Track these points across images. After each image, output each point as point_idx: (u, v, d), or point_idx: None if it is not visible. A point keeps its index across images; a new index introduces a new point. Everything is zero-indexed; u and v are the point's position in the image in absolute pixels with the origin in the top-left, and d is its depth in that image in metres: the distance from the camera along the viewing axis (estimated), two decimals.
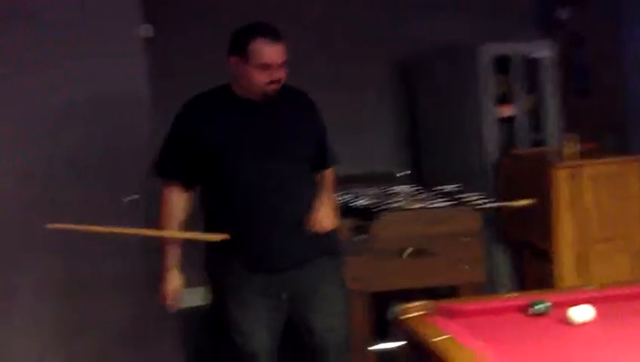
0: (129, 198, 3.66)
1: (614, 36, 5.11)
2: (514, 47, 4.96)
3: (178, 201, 2.85)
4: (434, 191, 4.12)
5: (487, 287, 3.96)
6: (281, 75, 2.74)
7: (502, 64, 4.94)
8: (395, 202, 3.88)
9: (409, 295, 3.55)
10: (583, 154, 4.23)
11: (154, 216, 3.23)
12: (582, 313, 2.27)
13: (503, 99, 4.96)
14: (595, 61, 5.41)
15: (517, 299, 2.50)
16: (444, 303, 2.47)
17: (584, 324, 2.26)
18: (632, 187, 3.97)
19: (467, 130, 4.99)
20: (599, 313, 2.30)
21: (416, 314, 2.36)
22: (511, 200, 4.24)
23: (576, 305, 2.30)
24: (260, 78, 2.71)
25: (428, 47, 5.47)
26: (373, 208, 3.65)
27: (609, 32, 5.17)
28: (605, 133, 5.05)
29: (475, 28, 5.47)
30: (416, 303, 2.41)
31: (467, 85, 4.95)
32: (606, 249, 3.84)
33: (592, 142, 4.54)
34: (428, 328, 2.21)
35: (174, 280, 2.87)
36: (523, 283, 4.35)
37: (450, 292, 3.58)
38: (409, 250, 3.39)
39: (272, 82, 2.72)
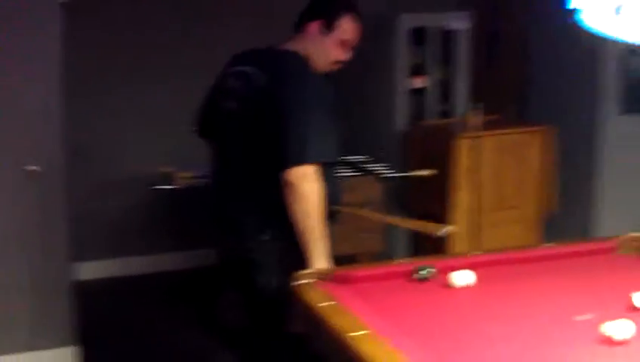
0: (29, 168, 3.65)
1: (524, 8, 5.25)
2: (430, 18, 5.05)
3: None
4: (339, 160, 4.18)
5: (386, 256, 4.08)
6: (349, 57, 2.74)
7: (417, 35, 5.03)
8: None
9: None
10: (487, 125, 4.36)
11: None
12: (462, 277, 2.38)
13: (416, 71, 5.06)
14: (505, 33, 5.56)
15: (405, 265, 2.58)
16: (336, 270, 2.54)
17: (464, 288, 2.37)
18: (531, 157, 4.12)
19: (379, 100, 5.08)
20: (480, 277, 2.42)
21: (308, 280, 2.42)
22: (416, 170, 4.37)
23: (459, 269, 2.42)
24: (336, 53, 2.70)
25: None
26: None
27: (520, 4, 5.31)
28: (510, 104, 5.22)
29: None
30: (309, 270, 2.48)
31: (381, 56, 5.02)
32: (500, 218, 3.99)
33: (496, 113, 4.69)
34: (316, 294, 2.28)
35: None
36: (420, 250, 4.48)
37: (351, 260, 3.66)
38: None
39: (341, 61, 2.73)
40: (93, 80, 5.20)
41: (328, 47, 2.69)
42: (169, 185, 3.94)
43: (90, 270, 5.36)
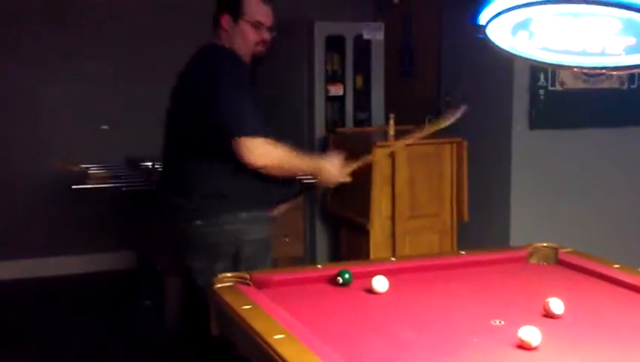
0: None
1: (437, 21, 5.37)
2: (347, 26, 5.11)
3: None
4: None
5: (306, 261, 4.10)
6: (269, 37, 2.85)
7: (334, 43, 5.08)
8: None
9: None
10: (400, 135, 4.42)
11: None
12: (382, 283, 2.42)
13: (333, 78, 5.11)
14: (419, 45, 5.67)
15: (324, 269, 2.60)
16: (256, 273, 2.53)
17: (385, 293, 2.40)
18: (444, 168, 4.20)
19: (298, 106, 5.10)
20: (399, 283, 2.45)
21: (228, 283, 2.40)
22: None
23: (378, 275, 2.44)
24: (252, 37, 2.81)
25: None
26: None
27: (433, 17, 5.43)
28: (425, 114, 5.32)
29: (310, 5, 5.58)
30: (230, 273, 2.46)
31: (300, 62, 5.05)
32: (417, 226, 4.05)
33: (410, 124, 4.76)
34: (236, 297, 2.27)
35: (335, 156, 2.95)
36: (339, 256, 4.52)
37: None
38: None
39: (261, 42, 2.83)
40: None
41: (243, 33, 2.81)
42: (85, 183, 3.88)
43: None
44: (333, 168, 2.93)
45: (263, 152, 2.71)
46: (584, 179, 4.85)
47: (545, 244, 2.81)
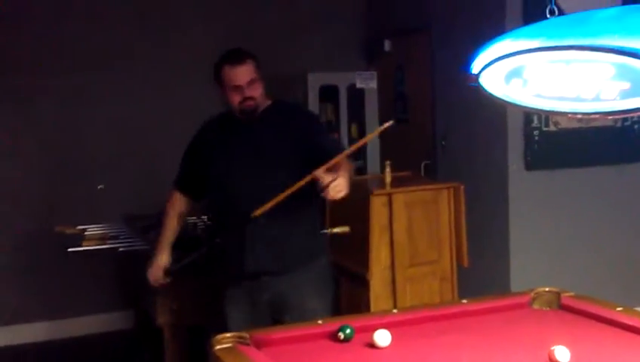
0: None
1: (428, 69, 5.41)
2: (340, 76, 5.14)
3: (178, 205, 3.37)
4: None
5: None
6: (251, 92, 3.10)
7: (328, 93, 5.10)
8: None
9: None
10: (397, 182, 4.41)
11: None
12: (384, 337, 2.38)
13: (329, 128, 5.11)
14: (412, 91, 5.70)
15: (325, 325, 2.56)
16: (256, 332, 2.50)
17: (387, 347, 2.36)
18: (442, 213, 4.17)
19: None
20: (401, 335, 2.42)
21: (228, 344, 2.37)
22: (332, 227, 4.36)
23: (380, 329, 2.41)
24: (235, 98, 3.10)
25: None
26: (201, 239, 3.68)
27: (424, 65, 5.46)
28: (420, 160, 5.32)
29: (302, 56, 5.61)
30: (229, 334, 2.42)
31: None
32: (417, 274, 4.01)
33: (406, 170, 4.76)
34: (236, 359, 2.23)
35: (164, 259, 3.34)
36: (339, 308, 4.46)
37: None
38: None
39: (245, 99, 3.09)
40: None
41: (227, 97, 3.14)
42: (80, 246, 3.86)
43: None
44: (151, 268, 3.36)
45: (167, 200, 3.38)
46: (582, 218, 4.84)
47: (547, 289, 2.78)
